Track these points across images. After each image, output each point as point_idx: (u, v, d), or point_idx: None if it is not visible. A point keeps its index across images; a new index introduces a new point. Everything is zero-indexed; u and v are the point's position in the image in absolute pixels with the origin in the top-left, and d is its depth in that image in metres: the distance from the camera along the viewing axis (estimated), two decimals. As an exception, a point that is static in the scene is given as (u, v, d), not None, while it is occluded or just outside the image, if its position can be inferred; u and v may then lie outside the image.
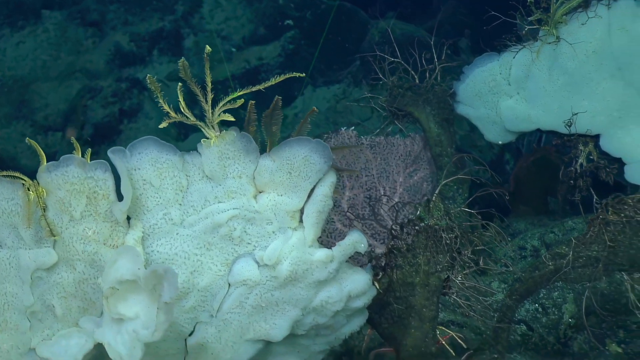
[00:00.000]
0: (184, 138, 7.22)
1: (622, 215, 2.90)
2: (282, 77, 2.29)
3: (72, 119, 7.67)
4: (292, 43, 8.49)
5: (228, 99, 2.18)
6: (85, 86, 7.96)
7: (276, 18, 8.71)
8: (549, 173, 4.97)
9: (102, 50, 8.35)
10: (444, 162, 4.04)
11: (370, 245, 3.16)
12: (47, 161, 2.17)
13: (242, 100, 2.20)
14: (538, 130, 3.99)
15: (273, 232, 2.30)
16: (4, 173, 2.14)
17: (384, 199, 3.72)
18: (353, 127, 3.87)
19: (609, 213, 2.89)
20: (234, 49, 8.51)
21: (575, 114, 3.80)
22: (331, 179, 2.28)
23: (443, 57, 4.13)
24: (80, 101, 7.89)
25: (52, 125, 7.50)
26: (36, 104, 7.65)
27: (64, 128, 7.46)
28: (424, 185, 4.05)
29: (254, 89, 2.23)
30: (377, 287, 2.67)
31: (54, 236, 2.17)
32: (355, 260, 2.70)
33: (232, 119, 2.20)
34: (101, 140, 7.33)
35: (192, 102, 2.23)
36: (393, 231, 2.82)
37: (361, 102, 6.84)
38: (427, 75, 4.15)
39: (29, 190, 2.14)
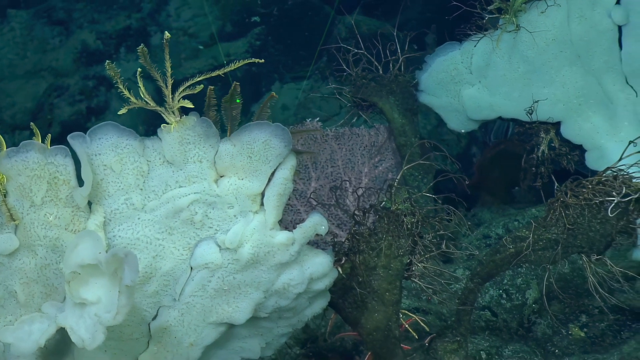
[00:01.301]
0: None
1: (581, 198, 2.92)
2: (242, 63, 2.29)
3: (39, 117, 7.63)
4: (258, 39, 8.50)
5: (187, 84, 2.19)
6: (52, 84, 7.93)
7: (243, 15, 8.71)
8: (513, 164, 5.00)
9: (68, 48, 8.32)
10: (408, 151, 4.06)
11: (335, 235, 3.18)
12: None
13: (202, 86, 2.21)
14: (500, 118, 4.03)
15: (234, 215, 2.31)
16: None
17: (349, 189, 3.74)
18: (318, 119, 3.88)
19: (568, 196, 2.92)
20: (201, 47, 8.50)
21: (536, 101, 3.84)
22: (291, 162, 2.29)
23: (406, 49, 4.14)
24: (47, 99, 7.86)
25: (19, 124, 7.47)
26: (2, 103, 7.61)
27: (28, 129, 7.41)
28: (389, 175, 4.06)
29: (212, 74, 2.24)
30: (340, 271, 2.69)
31: (15, 221, 2.17)
32: (318, 246, 2.72)
33: (192, 105, 2.21)
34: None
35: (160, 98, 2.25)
36: (355, 216, 2.83)
37: (325, 94, 6.85)
38: (391, 66, 4.17)
39: (-13, 175, 2.15)
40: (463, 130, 4.12)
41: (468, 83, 3.93)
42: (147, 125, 7.27)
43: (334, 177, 3.93)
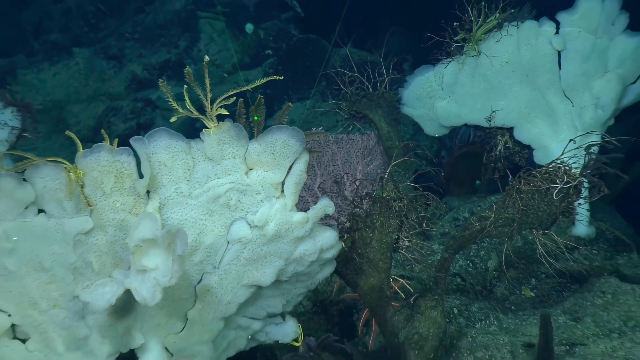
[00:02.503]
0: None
1: (532, 185, 2.93)
2: (265, 80, 2.30)
3: (99, 132, 7.64)
4: (271, 68, 8.51)
5: (223, 97, 2.20)
6: (109, 106, 7.94)
7: (258, 49, 8.72)
8: (474, 162, 5.01)
9: (121, 77, 8.34)
10: (393, 152, 4.08)
11: (337, 218, 3.19)
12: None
13: (234, 98, 2.22)
14: (465, 125, 4.05)
15: (261, 200, 2.31)
16: (50, 159, 2.16)
17: (347, 183, 3.75)
18: (321, 127, 3.90)
19: (522, 183, 2.93)
20: (225, 75, 8.51)
21: (494, 111, 3.86)
22: (305, 157, 2.30)
23: (390, 72, 4.16)
24: (105, 118, 7.86)
25: (84, 138, 7.45)
26: (70, 121, 7.62)
27: (93, 140, 7.40)
28: (378, 171, 4.08)
29: (243, 89, 2.25)
30: (343, 245, 2.70)
31: (90, 207, 2.19)
32: (325, 224, 2.72)
33: (227, 112, 2.22)
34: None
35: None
36: (355, 202, 2.85)
37: (325, 110, 6.85)
38: (379, 85, 4.18)
39: (69, 172, 2.16)
40: (437, 134, 4.14)
41: (440, 97, 3.95)
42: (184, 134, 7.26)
43: (335, 174, 3.94)
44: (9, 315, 2.25)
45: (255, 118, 2.43)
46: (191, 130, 7.68)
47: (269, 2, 9.46)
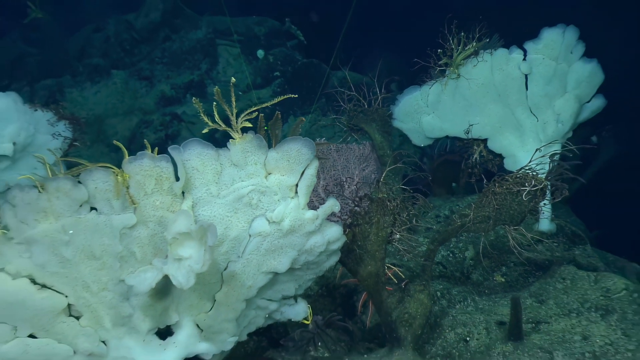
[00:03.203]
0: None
1: (505, 187, 2.94)
2: (281, 98, 2.32)
3: (133, 141, 7.64)
4: (279, 87, 8.51)
5: (246, 112, 2.21)
6: (141, 119, 7.93)
7: (268, 72, 8.72)
8: (452, 168, 5.01)
9: (152, 95, 8.35)
10: (385, 160, 4.08)
11: (338, 216, 3.19)
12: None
13: (256, 113, 2.23)
14: (447, 136, 4.05)
15: (278, 200, 2.31)
16: (101, 164, 2.17)
17: (346, 185, 3.74)
18: (324, 138, 3.91)
19: (496, 186, 2.94)
20: (240, 93, 8.50)
21: (471, 125, 3.86)
22: (315, 163, 2.30)
23: (383, 91, 4.17)
24: (139, 130, 7.86)
25: (118, 146, 7.46)
26: (110, 132, 7.62)
27: (128, 148, 7.39)
28: (372, 176, 4.08)
29: (263, 105, 2.26)
30: (346, 238, 2.71)
31: (134, 205, 2.19)
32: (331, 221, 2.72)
33: (250, 125, 2.23)
34: (154, 155, 7.30)
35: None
36: (355, 202, 2.85)
37: (325, 124, 6.84)
38: (373, 102, 4.19)
39: (117, 175, 2.17)
40: (422, 145, 4.15)
41: (426, 113, 3.96)
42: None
43: (336, 177, 3.94)
44: (66, 297, 2.26)
45: (266, 128, 2.44)
46: (211, 139, 7.67)
47: (277, 32, 9.47)
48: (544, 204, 2.98)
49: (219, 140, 8.04)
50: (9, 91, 3.30)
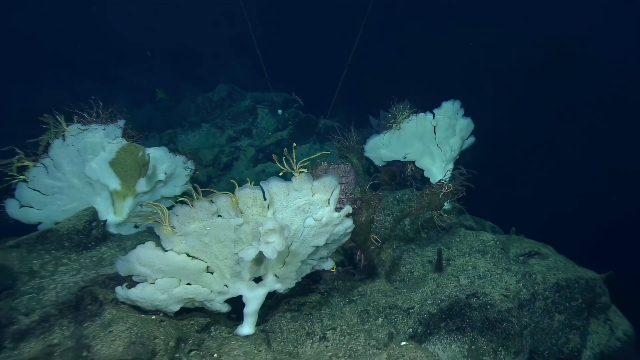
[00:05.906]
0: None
1: (431, 191, 2.93)
2: (323, 153, 2.29)
3: (214, 163, 7.49)
4: (291, 131, 8.39)
5: (302, 162, 2.16)
6: (219, 150, 7.75)
7: (286, 122, 8.59)
8: (393, 174, 4.94)
9: (223, 136, 8.14)
10: (360, 174, 4.03)
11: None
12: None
13: (309, 162, 2.18)
14: (393, 160, 3.99)
15: (319, 207, 2.27)
16: (222, 193, 2.11)
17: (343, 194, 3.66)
18: (326, 162, 3.84)
19: (427, 190, 2.93)
20: (270, 133, 8.35)
21: (407, 154, 3.82)
22: (338, 187, 2.26)
23: (355, 135, 4.11)
24: (217, 156, 7.70)
25: (208, 164, 7.29)
26: (202, 158, 7.45)
27: (212, 166, 7.22)
28: (352, 184, 4.02)
29: (312, 157, 2.21)
30: (355, 226, 2.65)
31: (242, 213, 2.14)
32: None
33: (305, 170, 2.18)
34: (226, 169, 7.14)
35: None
36: (352, 202, 2.82)
37: (317, 148, 6.69)
38: (353, 141, 4.14)
39: (232, 197, 2.11)
40: (380, 165, 4.10)
41: (382, 148, 3.90)
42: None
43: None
44: (205, 263, 2.21)
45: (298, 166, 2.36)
46: (255, 160, 7.57)
47: (288, 100, 9.33)
48: (450, 197, 2.97)
49: (261, 160, 7.93)
50: (161, 146, 3.20)
